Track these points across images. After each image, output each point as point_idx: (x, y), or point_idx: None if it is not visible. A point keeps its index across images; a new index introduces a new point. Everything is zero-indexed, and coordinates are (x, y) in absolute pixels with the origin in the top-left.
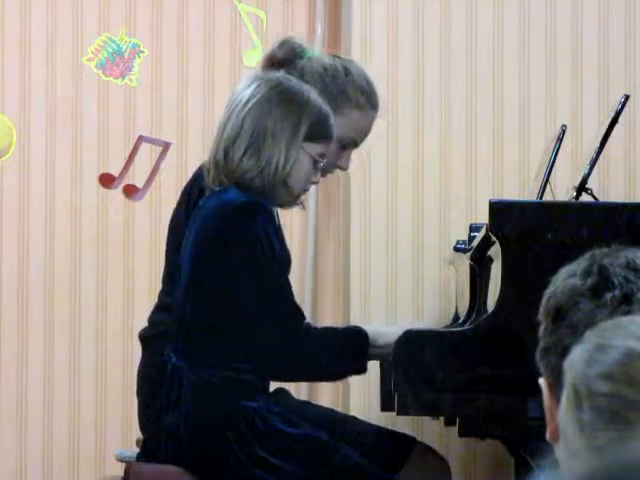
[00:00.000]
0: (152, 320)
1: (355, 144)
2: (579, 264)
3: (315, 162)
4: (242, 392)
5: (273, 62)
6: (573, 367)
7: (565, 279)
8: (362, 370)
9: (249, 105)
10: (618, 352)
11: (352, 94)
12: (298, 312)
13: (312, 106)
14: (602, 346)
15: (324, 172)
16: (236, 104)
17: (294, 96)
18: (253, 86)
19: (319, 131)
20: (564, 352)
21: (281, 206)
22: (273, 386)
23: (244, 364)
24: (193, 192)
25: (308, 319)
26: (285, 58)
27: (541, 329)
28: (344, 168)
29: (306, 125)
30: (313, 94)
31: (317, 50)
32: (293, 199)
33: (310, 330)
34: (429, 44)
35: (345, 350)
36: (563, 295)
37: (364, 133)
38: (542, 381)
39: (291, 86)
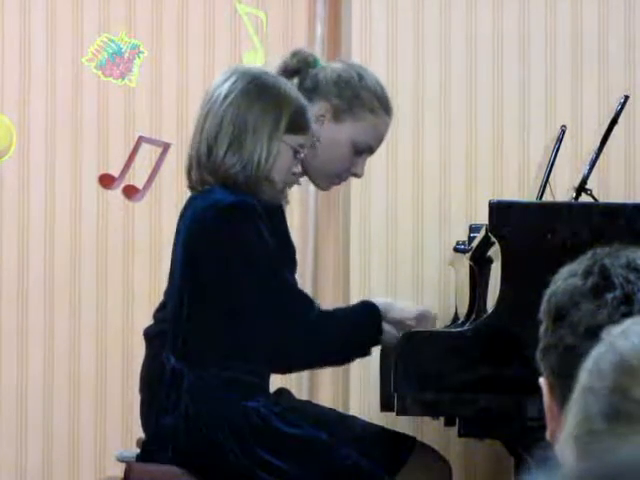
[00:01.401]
0: (156, 317)
1: (370, 150)
2: (580, 263)
3: (296, 153)
4: (242, 392)
5: (286, 71)
6: (586, 364)
7: (566, 279)
8: (376, 343)
9: (228, 100)
10: (623, 351)
11: (366, 98)
12: (305, 301)
13: (290, 98)
14: (612, 344)
15: (339, 179)
16: (214, 99)
17: (272, 89)
18: (230, 81)
19: (298, 123)
20: (564, 352)
21: (267, 201)
22: (273, 386)
23: (244, 364)
24: None
25: None
26: (298, 67)
27: (541, 329)
28: (359, 175)
29: (286, 118)
30: (290, 86)
31: (317, 51)
32: (278, 193)
33: (320, 315)
34: (429, 45)
35: (357, 327)
36: (564, 295)
37: (379, 139)
38: (542, 381)
39: (268, 79)
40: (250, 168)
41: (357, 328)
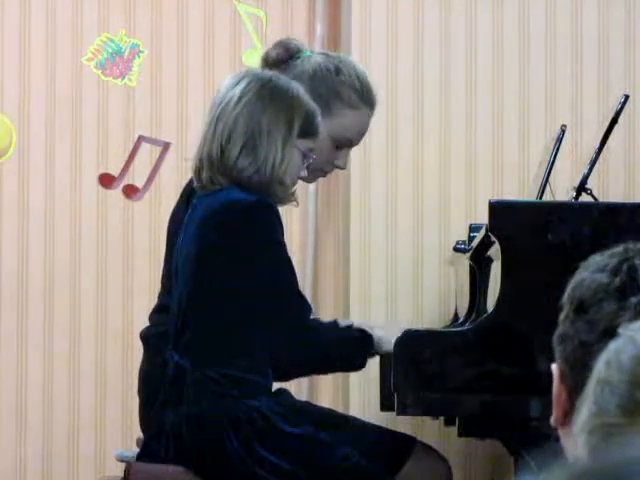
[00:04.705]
0: (153, 319)
1: (351, 143)
2: (611, 257)
3: (304, 157)
4: (244, 391)
5: (267, 62)
6: (602, 357)
7: (594, 272)
8: (361, 369)
9: (241, 103)
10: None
11: (344, 94)
12: (309, 310)
13: (303, 103)
14: (631, 338)
15: (323, 172)
16: (227, 102)
17: (285, 93)
18: (243, 83)
19: (309, 127)
20: (580, 346)
21: (278, 203)
22: (274, 386)
23: (247, 363)
24: (193, 193)
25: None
26: (278, 59)
27: (561, 314)
28: (342, 167)
29: (299, 122)
30: (301, 91)
31: (317, 50)
32: (289, 196)
33: (319, 328)
34: (429, 44)
35: (349, 351)
36: (589, 289)
37: (360, 132)
38: (554, 367)
39: (281, 84)
40: (264, 171)
41: (345, 353)
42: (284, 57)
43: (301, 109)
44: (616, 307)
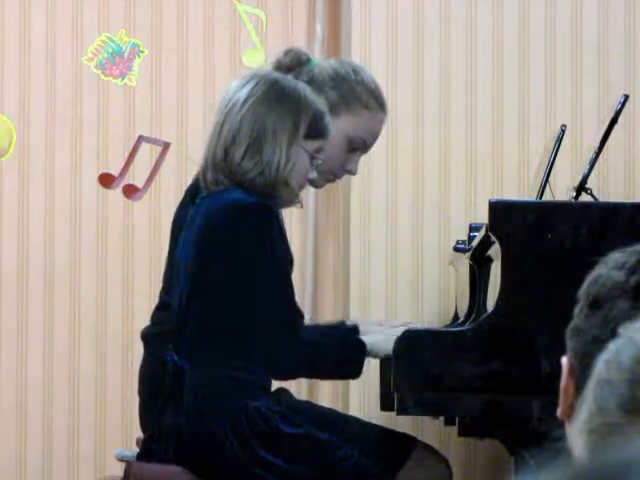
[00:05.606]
0: (154, 318)
1: (365, 146)
2: (630, 256)
3: (312, 159)
4: (244, 391)
5: (280, 69)
6: (602, 357)
7: (611, 269)
8: (356, 377)
9: (247, 104)
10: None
11: (362, 94)
12: (300, 317)
13: (310, 104)
14: (631, 338)
15: (334, 177)
16: (233, 103)
17: (292, 94)
18: (250, 85)
19: (316, 128)
20: (591, 341)
21: (282, 205)
22: (274, 386)
23: (246, 363)
24: (198, 192)
25: (308, 319)
26: (291, 66)
27: (576, 308)
28: (353, 172)
29: (305, 124)
30: (309, 92)
31: (317, 50)
32: (294, 197)
33: (309, 341)
34: (429, 44)
35: (341, 360)
36: (604, 286)
37: (374, 135)
38: (564, 359)
39: (288, 85)
40: (268, 173)
41: (340, 359)
42: (297, 64)
43: (308, 110)
44: (630, 306)
